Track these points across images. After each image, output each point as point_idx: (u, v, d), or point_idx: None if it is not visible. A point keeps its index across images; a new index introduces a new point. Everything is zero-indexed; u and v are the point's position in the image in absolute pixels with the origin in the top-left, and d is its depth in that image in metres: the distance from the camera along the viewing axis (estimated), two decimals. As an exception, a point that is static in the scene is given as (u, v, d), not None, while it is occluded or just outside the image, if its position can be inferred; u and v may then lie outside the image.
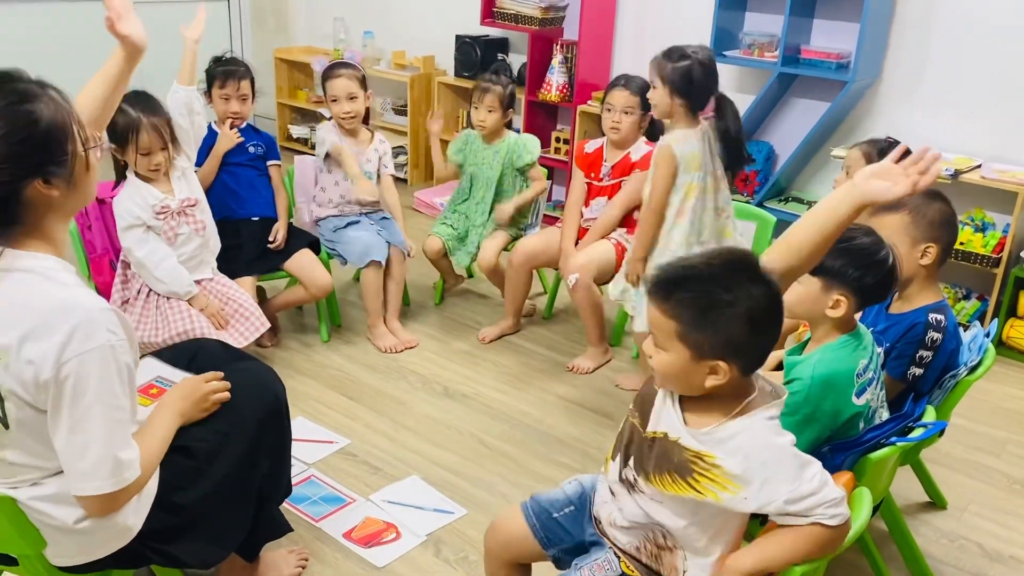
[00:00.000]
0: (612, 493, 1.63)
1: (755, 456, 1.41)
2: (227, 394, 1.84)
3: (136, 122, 2.59)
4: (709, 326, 1.37)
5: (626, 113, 3.23)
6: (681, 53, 2.71)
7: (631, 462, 1.56)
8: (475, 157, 3.60)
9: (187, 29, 2.86)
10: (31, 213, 1.47)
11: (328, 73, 3.38)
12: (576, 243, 3.35)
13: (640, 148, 3.28)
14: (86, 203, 1.61)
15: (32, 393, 1.46)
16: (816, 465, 1.44)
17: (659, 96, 2.76)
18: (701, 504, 1.47)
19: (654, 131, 3.35)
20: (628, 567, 1.61)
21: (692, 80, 2.70)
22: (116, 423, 1.51)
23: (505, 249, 3.58)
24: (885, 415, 1.99)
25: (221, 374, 1.87)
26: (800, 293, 1.87)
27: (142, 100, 2.63)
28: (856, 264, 1.83)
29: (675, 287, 1.40)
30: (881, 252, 1.85)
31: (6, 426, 1.51)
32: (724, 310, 1.36)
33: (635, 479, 1.55)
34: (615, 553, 1.63)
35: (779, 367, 2.15)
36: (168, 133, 2.66)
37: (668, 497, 1.50)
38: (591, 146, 3.41)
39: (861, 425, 1.87)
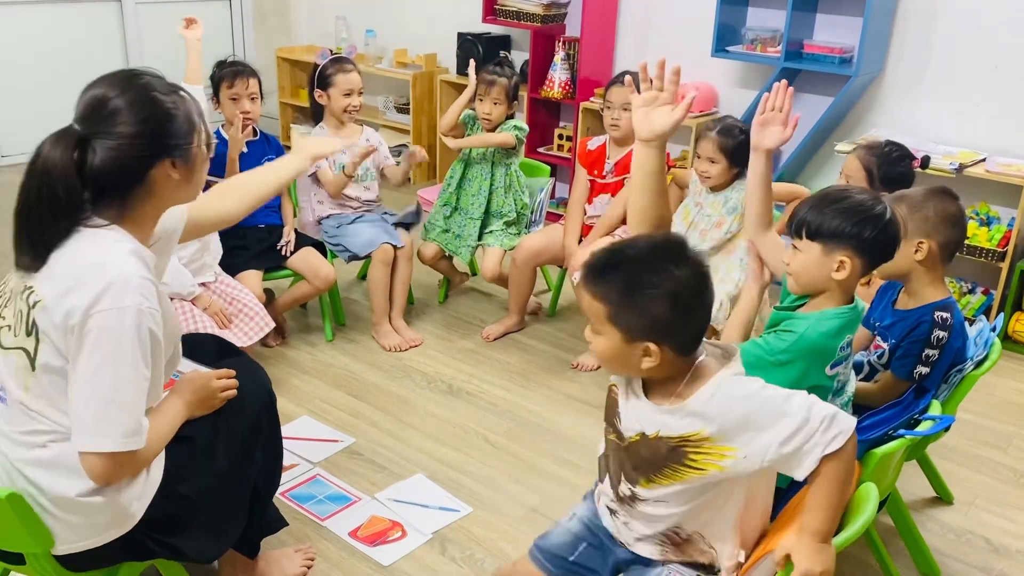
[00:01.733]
0: (612, 512, 1.63)
1: (732, 413, 1.43)
2: (235, 392, 1.87)
3: None
4: (635, 308, 1.41)
5: (624, 110, 3.23)
6: (740, 128, 2.93)
7: (623, 477, 1.56)
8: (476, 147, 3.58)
9: (186, 30, 2.88)
10: (145, 194, 1.60)
11: (339, 67, 3.39)
12: (580, 240, 3.35)
13: None
14: (193, 197, 1.72)
15: (62, 338, 1.52)
16: (798, 396, 1.44)
17: (719, 169, 2.95)
18: (706, 483, 1.47)
19: None
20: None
21: (748, 151, 2.90)
22: (129, 383, 1.54)
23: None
24: (851, 389, 1.96)
25: (232, 372, 1.89)
26: (803, 261, 1.84)
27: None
28: (852, 220, 1.78)
29: (603, 272, 1.44)
30: (877, 207, 1.80)
31: (32, 367, 1.56)
32: (647, 291, 1.40)
33: (631, 492, 1.55)
34: (663, 563, 1.61)
35: None
36: None
37: (673, 492, 1.50)
38: (594, 143, 3.41)
39: (830, 399, 1.85)
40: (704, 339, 1.50)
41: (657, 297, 1.39)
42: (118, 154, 1.53)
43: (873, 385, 2.18)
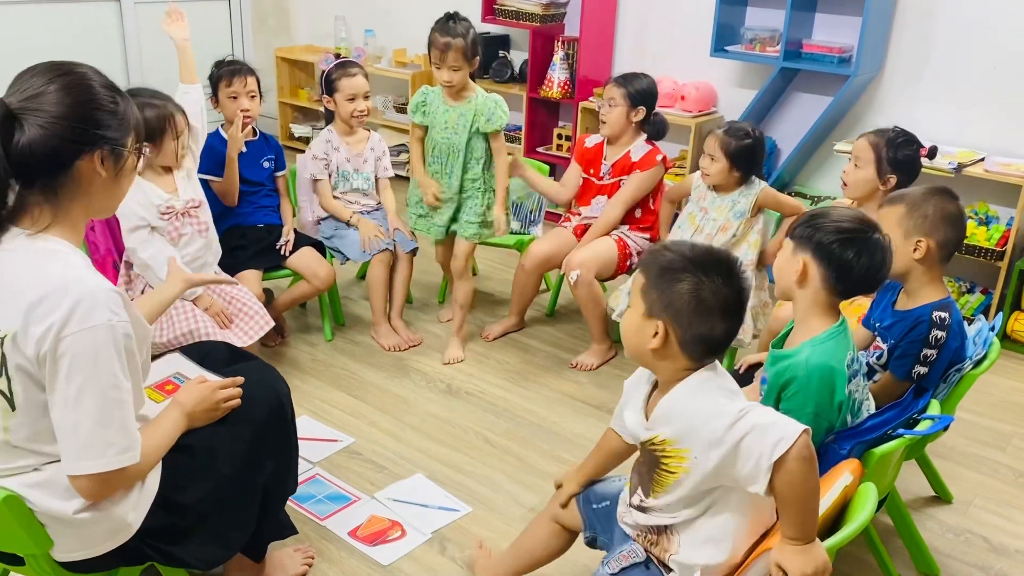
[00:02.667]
0: (630, 507, 1.71)
1: (682, 415, 1.52)
2: (238, 401, 1.85)
3: (169, 110, 2.62)
4: (663, 285, 1.52)
5: (609, 105, 3.25)
6: (748, 133, 2.96)
7: (639, 488, 1.65)
8: (437, 120, 3.20)
9: (171, 28, 2.85)
10: (73, 189, 1.54)
11: (343, 71, 3.36)
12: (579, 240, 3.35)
13: (640, 147, 3.28)
14: (112, 209, 1.67)
15: (36, 369, 1.49)
16: (739, 402, 1.49)
17: (718, 168, 3.00)
18: (694, 489, 1.52)
19: (656, 131, 3.36)
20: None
21: (754, 157, 3.01)
22: (113, 402, 1.52)
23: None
24: (871, 407, 1.98)
25: (240, 380, 1.87)
26: (780, 258, 1.90)
27: (161, 95, 2.66)
28: (820, 225, 1.82)
29: (654, 253, 1.59)
30: (851, 225, 1.81)
31: (13, 407, 1.52)
32: (679, 275, 1.51)
33: (640, 502, 1.64)
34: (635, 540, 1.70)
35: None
36: (186, 122, 2.71)
37: (673, 501, 1.56)
38: (591, 141, 3.42)
39: (849, 418, 1.86)
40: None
41: (683, 282, 1.50)
42: (48, 133, 1.47)
43: (872, 385, 2.18)
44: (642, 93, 3.24)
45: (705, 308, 1.49)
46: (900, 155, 2.63)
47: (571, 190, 3.44)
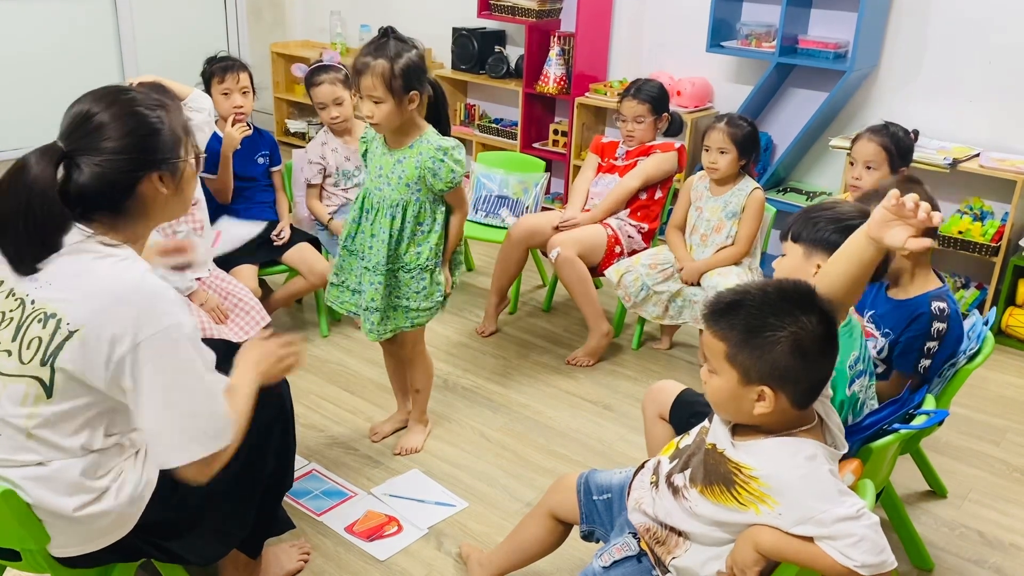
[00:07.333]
0: (654, 484, 1.66)
1: (791, 471, 1.43)
2: (295, 360, 1.83)
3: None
4: (755, 349, 1.40)
5: (637, 123, 3.32)
6: (746, 121, 3.06)
7: (687, 471, 1.58)
8: (372, 163, 2.44)
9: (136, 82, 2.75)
10: (137, 209, 1.57)
11: (311, 80, 3.33)
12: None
13: (658, 140, 3.39)
14: (182, 212, 1.70)
15: (103, 367, 1.49)
16: (856, 499, 1.43)
17: (729, 159, 3.04)
18: (740, 520, 1.49)
19: (673, 127, 3.44)
20: (645, 545, 1.67)
21: (755, 142, 3.08)
22: (201, 393, 1.54)
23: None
24: (875, 406, 1.98)
25: (302, 336, 1.85)
26: (787, 265, 1.88)
27: (164, 93, 2.62)
28: (831, 227, 1.80)
29: (727, 311, 1.45)
30: (860, 220, 1.77)
31: (48, 395, 1.53)
32: (770, 333, 1.39)
33: (685, 486, 1.57)
34: (633, 534, 1.69)
35: None
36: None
37: (711, 509, 1.52)
38: (607, 138, 3.54)
39: (850, 418, 1.87)
40: (823, 400, 1.50)
41: (778, 340, 1.39)
42: (104, 170, 1.51)
43: (883, 384, 2.17)
44: (665, 101, 3.36)
45: (811, 357, 1.40)
46: (905, 146, 2.72)
47: (591, 179, 3.48)
